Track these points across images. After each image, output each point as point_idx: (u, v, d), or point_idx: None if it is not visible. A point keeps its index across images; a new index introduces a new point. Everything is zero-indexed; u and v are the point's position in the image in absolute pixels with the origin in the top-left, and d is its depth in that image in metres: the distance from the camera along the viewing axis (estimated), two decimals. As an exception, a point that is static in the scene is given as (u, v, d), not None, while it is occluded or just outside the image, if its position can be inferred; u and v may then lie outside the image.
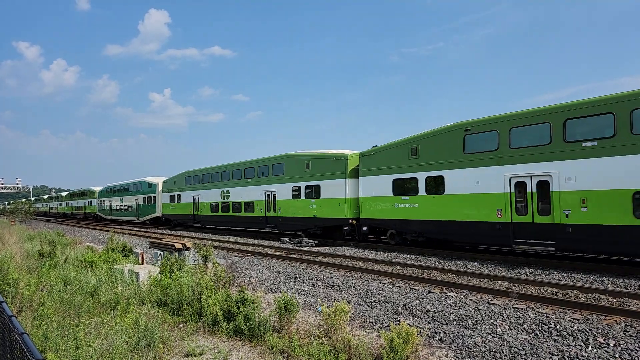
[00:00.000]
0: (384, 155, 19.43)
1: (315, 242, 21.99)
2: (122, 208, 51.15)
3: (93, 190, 61.70)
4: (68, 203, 74.85)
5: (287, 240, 23.23)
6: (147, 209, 45.11)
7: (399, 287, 11.31)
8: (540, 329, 7.55)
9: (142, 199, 45.96)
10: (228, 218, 31.11)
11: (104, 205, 56.84)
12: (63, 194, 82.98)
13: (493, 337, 7.27)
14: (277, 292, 11.23)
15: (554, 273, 12.50)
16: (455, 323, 8.18)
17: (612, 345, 6.69)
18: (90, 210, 62.24)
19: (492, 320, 8.14)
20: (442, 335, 7.38)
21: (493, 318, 8.28)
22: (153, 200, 43.72)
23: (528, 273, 12.65)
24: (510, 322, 8.01)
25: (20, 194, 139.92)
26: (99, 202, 58.95)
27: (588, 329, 7.34)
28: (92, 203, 62.00)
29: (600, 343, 6.80)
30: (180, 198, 38.10)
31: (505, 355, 6.42)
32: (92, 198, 62.08)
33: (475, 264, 14.46)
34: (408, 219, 18.25)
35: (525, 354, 6.42)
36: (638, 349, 6.49)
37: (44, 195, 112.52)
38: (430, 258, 16.03)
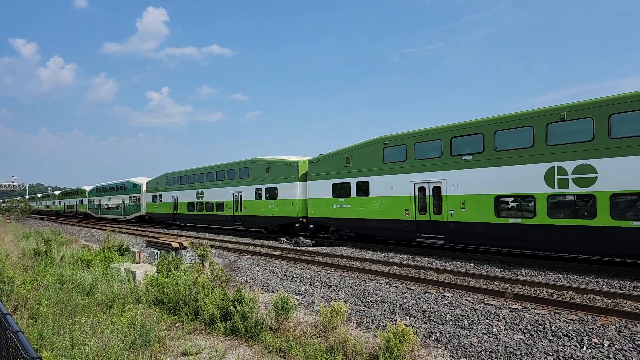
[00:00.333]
0: (326, 163, 22.32)
1: (313, 242, 22.06)
2: (110, 207, 52.37)
3: (84, 190, 63.02)
4: (61, 202, 75.97)
5: (284, 240, 23.29)
6: (132, 208, 46.27)
7: (396, 287, 11.33)
8: (536, 329, 7.58)
9: (128, 199, 47.16)
10: (203, 216, 33.45)
11: (94, 204, 58.05)
12: (56, 193, 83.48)
13: (489, 337, 7.30)
14: (274, 291, 11.23)
15: (550, 274, 12.56)
16: (452, 323, 8.20)
17: (606, 346, 6.73)
18: (82, 209, 63.35)
19: (488, 321, 8.17)
20: (438, 335, 7.40)
21: (489, 318, 8.31)
22: (138, 200, 45.02)
23: (524, 274, 12.71)
24: (506, 322, 8.04)
25: (16, 192, 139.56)
26: (90, 201, 60.17)
27: (583, 330, 7.38)
28: (83, 202, 63.10)
29: (595, 343, 6.84)
30: (162, 198, 39.99)
31: (501, 355, 6.45)
32: (83, 197, 63.17)
33: (472, 265, 14.52)
34: (343, 217, 21.18)
35: (521, 354, 6.45)
36: (632, 350, 6.54)
37: (38, 194, 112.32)
38: (427, 258, 16.11)
